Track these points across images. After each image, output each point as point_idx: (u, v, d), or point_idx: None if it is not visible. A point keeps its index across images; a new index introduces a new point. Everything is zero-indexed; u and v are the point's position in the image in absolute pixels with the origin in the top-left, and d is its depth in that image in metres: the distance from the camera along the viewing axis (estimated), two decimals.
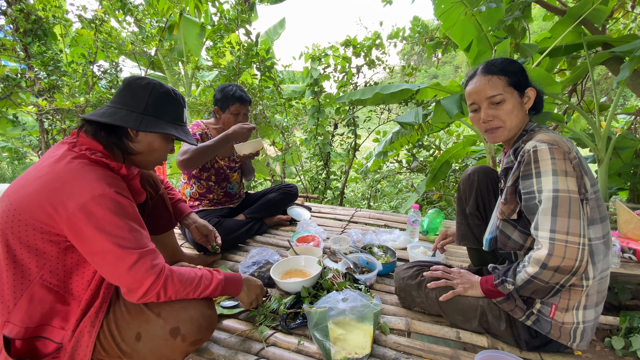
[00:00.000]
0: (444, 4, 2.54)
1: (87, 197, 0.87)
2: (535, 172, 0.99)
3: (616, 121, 4.04)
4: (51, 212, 0.87)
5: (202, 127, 2.04)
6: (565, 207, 0.93)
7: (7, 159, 6.10)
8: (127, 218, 0.92)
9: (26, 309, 0.90)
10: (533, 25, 8.98)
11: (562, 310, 1.04)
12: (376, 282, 1.60)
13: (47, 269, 0.92)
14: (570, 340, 1.06)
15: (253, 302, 1.24)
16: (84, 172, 0.91)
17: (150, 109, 1.05)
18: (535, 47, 2.18)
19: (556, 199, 0.94)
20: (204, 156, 1.79)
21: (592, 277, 1.00)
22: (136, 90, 1.05)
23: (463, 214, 1.56)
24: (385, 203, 4.70)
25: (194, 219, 1.65)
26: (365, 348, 1.11)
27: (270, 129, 4.13)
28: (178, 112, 1.12)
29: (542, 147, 0.98)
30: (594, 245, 1.00)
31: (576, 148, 1.05)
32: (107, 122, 0.99)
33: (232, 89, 1.98)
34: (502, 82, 1.10)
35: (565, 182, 0.94)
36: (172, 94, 1.10)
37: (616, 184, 2.70)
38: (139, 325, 0.97)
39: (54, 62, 3.40)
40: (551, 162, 0.96)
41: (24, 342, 0.91)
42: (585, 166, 1.02)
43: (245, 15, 3.45)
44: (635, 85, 2.35)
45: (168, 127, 1.07)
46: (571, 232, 0.91)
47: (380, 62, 3.98)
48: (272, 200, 2.29)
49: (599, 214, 1.01)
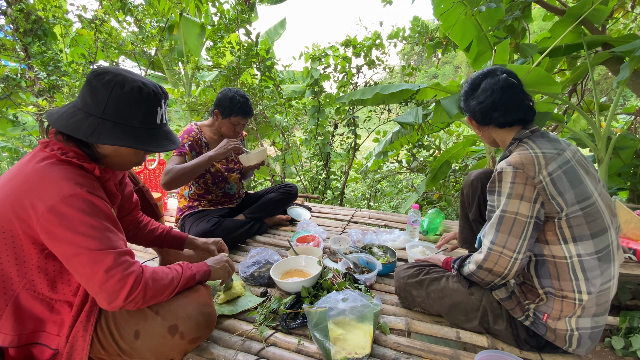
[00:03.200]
0: (444, 4, 2.54)
1: (56, 199, 0.82)
2: (497, 191, 1.09)
3: (616, 121, 4.04)
4: (24, 217, 0.84)
5: (193, 135, 1.97)
6: (507, 225, 1.03)
7: (7, 159, 6.09)
8: (100, 218, 0.87)
9: (14, 318, 0.89)
10: (533, 25, 8.99)
11: (554, 319, 1.06)
12: (376, 282, 1.60)
13: (29, 277, 0.89)
14: (566, 345, 1.06)
15: (229, 272, 1.26)
16: (51, 172, 0.86)
17: (110, 113, 0.90)
18: (535, 47, 2.17)
19: (502, 218, 1.05)
20: (185, 178, 1.76)
21: (587, 291, 1.00)
22: (96, 89, 0.90)
23: (466, 219, 1.58)
24: (385, 203, 4.70)
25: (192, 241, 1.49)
26: (365, 348, 1.11)
27: (270, 129, 4.13)
28: (148, 114, 0.96)
29: (507, 170, 1.06)
30: (585, 262, 1.00)
31: (566, 158, 1.05)
32: (57, 128, 0.90)
33: (239, 101, 1.91)
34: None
35: (517, 206, 1.03)
36: (139, 92, 0.93)
37: (616, 184, 2.69)
38: (137, 323, 0.97)
39: (54, 62, 3.40)
40: (509, 186, 1.05)
41: (18, 350, 0.90)
42: (567, 183, 1.01)
43: (246, 15, 3.45)
44: (635, 85, 2.35)
45: (128, 135, 0.92)
46: (507, 247, 1.03)
47: (380, 62, 3.98)
48: (272, 200, 2.28)
49: (590, 230, 1.00)
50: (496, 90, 1.13)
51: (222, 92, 1.96)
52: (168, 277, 0.98)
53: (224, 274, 1.23)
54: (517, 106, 1.13)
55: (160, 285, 0.95)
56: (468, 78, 1.26)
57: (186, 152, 1.91)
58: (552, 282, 1.04)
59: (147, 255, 1.86)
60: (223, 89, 1.97)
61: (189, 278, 1.06)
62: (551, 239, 1.03)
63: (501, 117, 1.14)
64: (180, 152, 1.90)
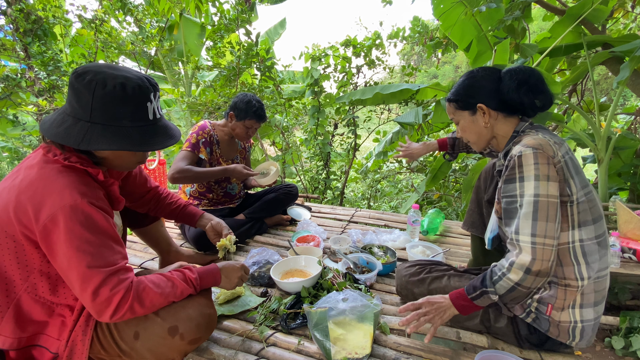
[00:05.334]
0: (444, 4, 2.54)
1: (56, 208, 0.82)
2: (518, 177, 1.02)
3: (616, 121, 4.04)
4: (26, 223, 0.83)
5: (207, 131, 2.02)
6: (544, 211, 0.96)
7: (7, 159, 6.09)
8: (98, 232, 0.86)
9: (15, 321, 0.89)
10: (533, 25, 8.98)
11: (558, 310, 1.05)
12: (376, 282, 1.60)
13: (31, 281, 0.89)
14: (570, 339, 1.06)
15: (238, 284, 1.19)
16: (55, 179, 0.85)
17: (97, 115, 0.86)
18: (535, 47, 2.17)
19: (537, 203, 0.97)
20: (196, 181, 1.95)
21: (587, 277, 1.01)
22: (79, 91, 0.86)
23: (478, 203, 1.57)
24: (385, 203, 4.70)
25: (209, 217, 1.53)
26: (365, 348, 1.11)
27: (270, 129, 4.13)
28: (138, 111, 0.90)
29: (527, 152, 1.01)
30: (586, 246, 1.01)
31: (567, 148, 1.07)
32: (49, 137, 0.87)
33: (255, 105, 1.99)
34: (451, 107, 1.25)
35: (547, 187, 0.97)
36: (123, 89, 0.87)
37: (616, 184, 2.69)
38: (137, 324, 0.96)
39: (54, 62, 3.40)
40: (534, 167, 0.99)
41: (18, 353, 0.90)
42: (573, 168, 1.03)
43: (246, 15, 3.45)
44: (635, 85, 2.35)
45: (120, 137, 0.88)
46: (548, 236, 0.95)
47: (380, 62, 3.98)
48: (272, 200, 2.28)
49: (592, 215, 1.03)
50: (526, 71, 1.11)
51: (238, 95, 2.04)
52: (164, 292, 0.94)
53: (233, 286, 1.17)
54: (545, 90, 1.11)
55: (155, 302, 0.92)
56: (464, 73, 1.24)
57: (200, 149, 1.97)
58: (555, 270, 1.04)
59: (147, 255, 1.86)
60: (240, 93, 2.06)
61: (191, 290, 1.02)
62: (563, 225, 1.02)
63: (528, 95, 1.09)
64: (193, 148, 1.94)
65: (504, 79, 1.14)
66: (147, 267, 1.75)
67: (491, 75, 1.18)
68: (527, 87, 1.10)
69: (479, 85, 1.18)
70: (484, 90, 1.17)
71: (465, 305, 1.07)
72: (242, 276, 1.20)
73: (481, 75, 1.19)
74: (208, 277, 1.08)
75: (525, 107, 1.12)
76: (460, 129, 1.26)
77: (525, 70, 1.12)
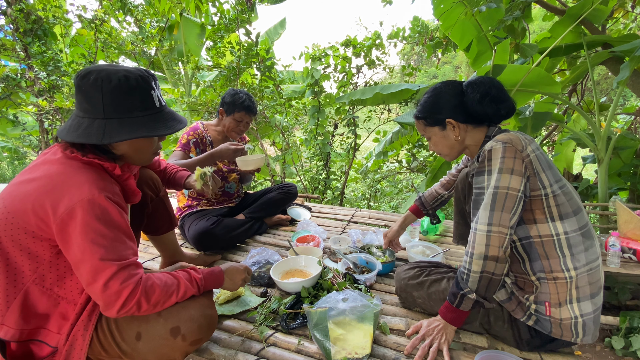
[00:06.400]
0: (444, 4, 2.54)
1: (75, 201, 0.85)
2: (487, 170, 1.07)
3: (616, 121, 4.04)
4: (42, 216, 0.85)
5: (199, 132, 2.02)
6: (501, 202, 1.02)
7: (7, 159, 6.10)
8: (112, 226, 0.89)
9: (20, 312, 0.89)
10: (533, 25, 8.99)
11: (555, 306, 1.06)
12: (376, 282, 1.60)
13: (40, 272, 0.91)
14: (574, 336, 1.06)
15: (242, 286, 1.23)
16: (75, 174, 0.89)
17: (110, 111, 0.91)
18: (535, 47, 2.18)
19: (496, 195, 1.03)
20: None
21: (573, 267, 1.03)
22: (87, 91, 0.90)
23: (461, 214, 1.59)
24: (385, 203, 4.70)
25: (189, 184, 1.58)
26: (365, 348, 1.11)
27: (270, 129, 4.13)
28: (145, 99, 0.95)
29: (496, 147, 1.06)
30: (571, 238, 1.04)
31: (537, 145, 1.11)
32: (70, 140, 0.91)
33: (242, 97, 1.97)
34: (421, 124, 1.29)
35: (508, 180, 1.02)
36: (127, 81, 0.92)
37: (616, 184, 2.69)
38: (139, 325, 0.96)
39: (54, 62, 3.40)
40: (500, 161, 1.04)
41: (19, 345, 0.90)
42: (544, 163, 1.07)
43: (246, 15, 3.45)
44: (635, 85, 2.35)
45: (137, 126, 0.94)
46: (502, 225, 1.01)
47: (380, 62, 3.98)
48: (271, 199, 2.29)
49: (571, 208, 1.07)
50: (486, 82, 1.16)
51: (227, 91, 2.03)
52: (170, 290, 0.97)
53: (237, 287, 1.21)
54: (507, 98, 1.17)
55: (159, 299, 0.94)
56: (428, 90, 1.28)
57: (190, 149, 1.96)
58: (542, 263, 1.06)
59: (147, 255, 1.86)
60: (228, 89, 2.03)
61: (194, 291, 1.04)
62: (539, 217, 1.06)
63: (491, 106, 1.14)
64: (183, 148, 1.94)
65: (467, 92, 1.18)
66: (147, 267, 1.75)
67: (454, 89, 1.22)
68: (489, 98, 1.14)
69: (444, 100, 1.22)
70: (449, 105, 1.21)
71: (454, 316, 1.11)
72: (246, 278, 1.23)
73: (444, 91, 1.23)
74: (212, 278, 1.10)
75: (490, 117, 1.17)
76: (432, 144, 1.30)
77: (485, 82, 1.17)
